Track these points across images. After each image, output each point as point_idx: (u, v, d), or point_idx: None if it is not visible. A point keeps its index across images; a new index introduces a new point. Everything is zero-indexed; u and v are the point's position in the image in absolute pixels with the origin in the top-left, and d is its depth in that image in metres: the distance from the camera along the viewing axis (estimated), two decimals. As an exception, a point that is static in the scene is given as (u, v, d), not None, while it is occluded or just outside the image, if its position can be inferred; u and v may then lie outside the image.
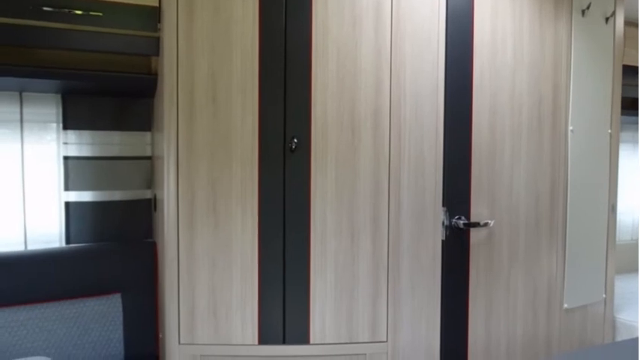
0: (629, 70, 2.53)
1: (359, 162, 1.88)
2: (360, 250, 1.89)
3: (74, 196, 2.10)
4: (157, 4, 1.83)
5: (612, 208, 2.38)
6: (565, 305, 2.22)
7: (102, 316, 1.93)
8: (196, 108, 1.80)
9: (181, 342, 1.83)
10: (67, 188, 2.09)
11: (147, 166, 2.21)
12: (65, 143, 2.09)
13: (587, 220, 2.29)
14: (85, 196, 2.11)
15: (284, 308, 1.85)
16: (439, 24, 1.96)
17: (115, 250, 2.04)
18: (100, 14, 1.77)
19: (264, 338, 1.85)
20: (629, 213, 3.34)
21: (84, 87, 1.97)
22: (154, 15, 1.83)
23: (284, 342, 1.86)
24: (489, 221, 2.05)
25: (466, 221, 2.02)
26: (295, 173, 1.84)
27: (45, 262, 1.90)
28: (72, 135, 2.09)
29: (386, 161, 1.90)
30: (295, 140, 1.83)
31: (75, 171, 2.09)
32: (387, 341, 1.92)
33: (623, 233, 3.30)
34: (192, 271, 1.82)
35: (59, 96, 2.08)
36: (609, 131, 2.35)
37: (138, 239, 2.18)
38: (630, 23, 2.62)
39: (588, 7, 2.23)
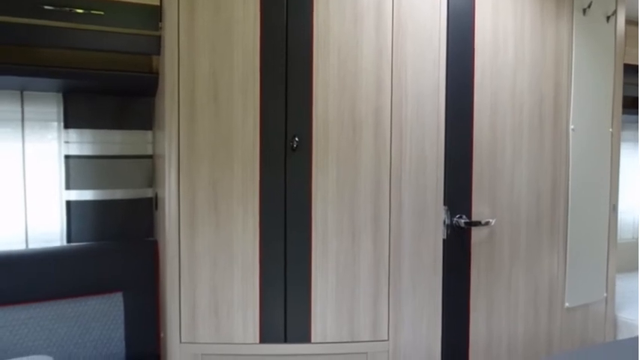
0: (630, 69, 2.53)
1: (360, 161, 1.88)
2: (361, 249, 1.89)
3: (75, 195, 2.10)
4: (158, 3, 1.83)
5: (613, 207, 2.38)
6: (566, 304, 2.22)
7: (103, 315, 1.93)
8: (197, 107, 1.80)
9: (182, 341, 1.83)
10: (68, 187, 2.09)
11: (148, 165, 2.21)
12: (66, 142, 2.09)
13: (589, 218, 2.29)
14: (86, 194, 2.11)
15: (285, 307, 1.85)
16: (440, 23, 1.95)
17: (116, 249, 2.04)
18: (102, 13, 1.77)
19: (265, 337, 1.85)
20: (630, 212, 3.34)
21: (85, 86, 1.97)
22: (155, 14, 1.83)
23: (285, 341, 1.86)
24: (490, 220, 2.05)
25: (467, 220, 2.02)
26: (296, 172, 1.84)
27: (46, 261, 1.90)
28: (73, 134, 2.09)
29: (387, 160, 1.90)
30: (296, 139, 1.82)
31: (76, 170, 2.09)
32: (388, 340, 1.92)
33: (624, 232, 3.31)
34: (193, 270, 1.82)
35: (60, 95, 2.08)
36: (610, 130, 2.35)
37: (139, 238, 2.18)
38: (631, 22, 2.62)
39: (589, 6, 2.23)
